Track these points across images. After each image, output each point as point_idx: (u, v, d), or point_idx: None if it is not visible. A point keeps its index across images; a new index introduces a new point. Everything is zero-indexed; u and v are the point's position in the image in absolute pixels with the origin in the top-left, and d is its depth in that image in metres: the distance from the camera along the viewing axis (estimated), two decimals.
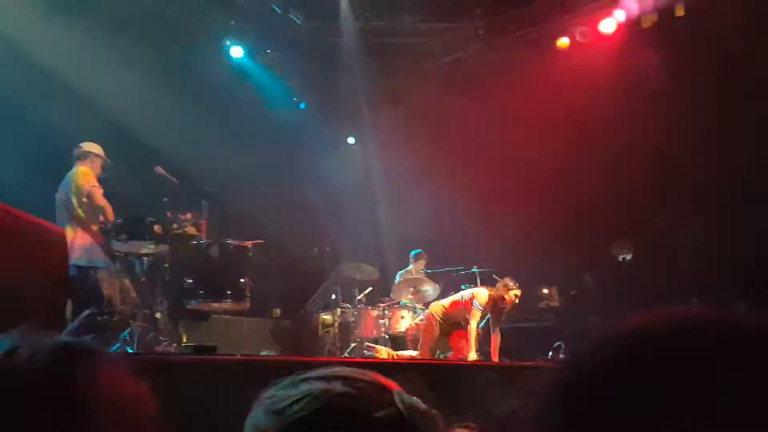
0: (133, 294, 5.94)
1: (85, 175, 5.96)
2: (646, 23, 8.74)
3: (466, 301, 6.83)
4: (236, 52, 9.78)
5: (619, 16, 8.72)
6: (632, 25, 8.75)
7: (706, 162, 8.07)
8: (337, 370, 0.92)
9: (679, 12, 8.53)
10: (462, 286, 7.56)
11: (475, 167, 9.56)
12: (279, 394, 0.90)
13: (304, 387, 0.89)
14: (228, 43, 9.72)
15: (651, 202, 8.31)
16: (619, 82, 8.31)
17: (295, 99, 10.87)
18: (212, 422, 3.03)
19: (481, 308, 6.68)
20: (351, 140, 11.67)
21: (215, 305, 6.05)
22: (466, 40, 9.97)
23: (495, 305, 6.73)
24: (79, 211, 5.85)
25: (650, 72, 8.28)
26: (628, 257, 8.60)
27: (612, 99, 8.28)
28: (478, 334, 6.75)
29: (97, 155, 6.21)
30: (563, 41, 9.09)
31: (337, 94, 10.33)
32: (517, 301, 6.73)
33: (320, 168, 10.31)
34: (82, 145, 6.21)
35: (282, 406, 0.88)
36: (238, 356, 4.66)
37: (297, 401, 0.87)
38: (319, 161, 10.40)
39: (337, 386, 0.89)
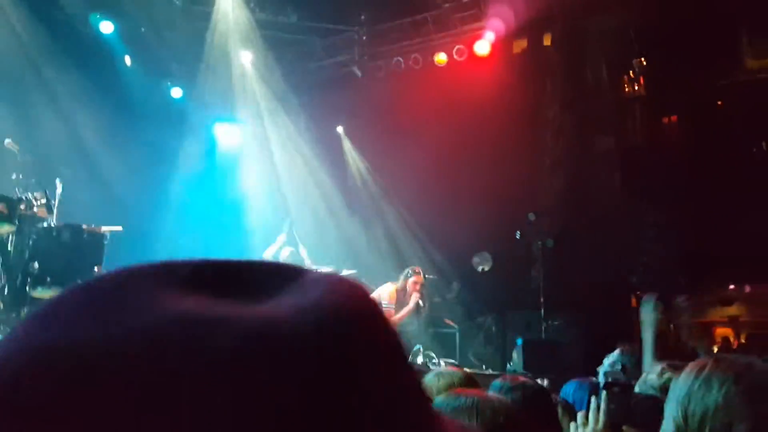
0: None
1: None
2: (517, 49, 9.29)
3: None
4: (106, 27, 9.21)
5: (490, 37, 9.11)
6: (504, 50, 9.24)
7: (562, 181, 8.72)
8: None
9: (547, 41, 9.15)
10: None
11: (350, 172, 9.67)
12: None
13: None
14: (98, 17, 9.14)
15: (511, 218, 8.77)
16: (489, 102, 8.74)
17: (168, 83, 10.42)
18: None
19: (392, 306, 6.38)
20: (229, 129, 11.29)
21: None
22: (349, 44, 10.08)
23: (400, 296, 6.52)
24: None
25: (517, 95, 8.79)
26: (487, 268, 9.04)
27: (481, 118, 8.69)
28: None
29: None
30: (441, 57, 9.39)
31: (212, 81, 10.05)
32: (417, 286, 6.50)
33: (187, 155, 9.98)
34: None
35: None
36: None
37: None
38: (185, 148, 10.05)
39: None
